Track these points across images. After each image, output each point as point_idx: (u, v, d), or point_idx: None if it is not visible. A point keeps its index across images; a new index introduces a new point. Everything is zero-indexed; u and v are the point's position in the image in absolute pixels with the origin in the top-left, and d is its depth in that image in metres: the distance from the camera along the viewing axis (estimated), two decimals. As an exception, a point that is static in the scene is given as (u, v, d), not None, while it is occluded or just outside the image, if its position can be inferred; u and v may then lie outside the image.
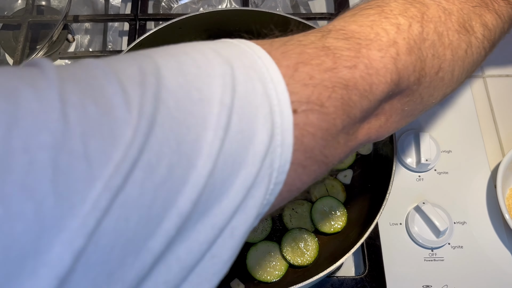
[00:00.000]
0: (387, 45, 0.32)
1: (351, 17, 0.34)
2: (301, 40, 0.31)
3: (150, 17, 0.77)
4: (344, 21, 0.34)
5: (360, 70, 0.30)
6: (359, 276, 0.59)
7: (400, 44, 0.33)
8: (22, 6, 0.77)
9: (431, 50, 0.34)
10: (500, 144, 0.70)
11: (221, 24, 0.68)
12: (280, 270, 0.58)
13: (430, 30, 0.35)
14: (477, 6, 0.38)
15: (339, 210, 0.60)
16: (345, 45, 0.31)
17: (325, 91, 0.29)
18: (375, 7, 0.35)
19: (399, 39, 0.33)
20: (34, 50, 0.68)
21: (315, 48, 0.30)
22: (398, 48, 0.33)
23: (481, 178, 0.66)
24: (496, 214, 0.63)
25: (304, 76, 0.28)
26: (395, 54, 0.32)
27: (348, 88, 0.30)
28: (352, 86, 0.30)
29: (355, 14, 0.35)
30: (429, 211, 0.60)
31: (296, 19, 0.64)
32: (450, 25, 0.36)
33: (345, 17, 0.35)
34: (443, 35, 0.35)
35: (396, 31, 0.33)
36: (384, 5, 0.35)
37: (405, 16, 0.34)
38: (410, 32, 0.34)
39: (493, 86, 0.75)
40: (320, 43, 0.31)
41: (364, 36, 0.32)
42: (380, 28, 0.33)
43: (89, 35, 0.81)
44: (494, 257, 0.61)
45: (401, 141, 0.68)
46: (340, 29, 0.33)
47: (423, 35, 0.34)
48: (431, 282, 0.60)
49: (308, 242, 0.59)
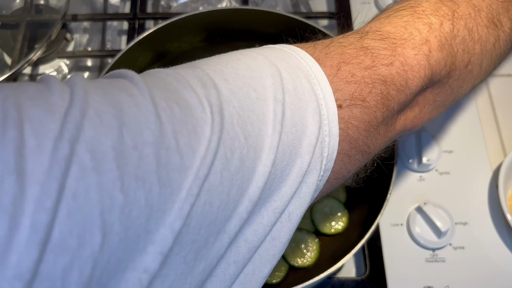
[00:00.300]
0: (420, 43, 0.35)
1: (386, 19, 0.37)
2: (342, 42, 0.34)
3: (149, 16, 0.77)
4: (380, 23, 0.37)
5: (397, 67, 0.33)
6: (360, 277, 0.59)
7: (432, 42, 0.35)
8: (21, 5, 0.77)
9: (461, 45, 0.37)
10: (502, 144, 0.70)
11: (221, 23, 0.67)
12: (280, 271, 0.57)
13: (460, 27, 0.37)
14: (505, 1, 0.41)
15: (340, 211, 0.60)
16: (381, 45, 0.34)
17: (366, 87, 0.32)
18: (408, 8, 0.37)
19: (431, 37, 0.35)
20: (32, 49, 0.68)
21: (354, 49, 0.33)
22: (430, 46, 0.35)
23: (483, 178, 0.66)
24: (498, 215, 0.63)
25: (347, 74, 0.31)
26: (428, 51, 0.35)
27: (386, 83, 0.33)
28: (389, 81, 0.33)
29: (390, 16, 0.37)
30: (430, 211, 0.60)
31: (296, 18, 0.63)
32: (479, 21, 0.38)
33: (380, 19, 0.37)
34: (473, 31, 0.38)
35: (428, 30, 0.36)
36: (417, 5, 0.37)
37: (437, 15, 0.37)
38: (441, 30, 0.36)
39: (495, 85, 0.74)
40: (359, 44, 0.34)
41: (399, 36, 0.35)
42: (413, 28, 0.35)
43: (88, 34, 0.81)
44: (496, 258, 0.61)
45: (402, 141, 0.67)
46: (377, 30, 0.35)
47: (453, 32, 0.37)
48: (433, 283, 0.59)
49: (309, 243, 0.58)
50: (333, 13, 0.76)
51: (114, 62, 0.61)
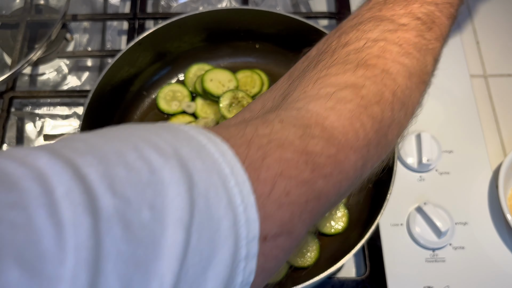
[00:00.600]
0: (362, 145, 0.31)
1: (330, 101, 0.32)
2: (280, 139, 0.28)
3: (149, 16, 0.77)
4: (325, 108, 0.31)
5: (335, 177, 0.29)
6: (360, 277, 0.59)
7: (372, 138, 0.32)
8: (21, 5, 0.77)
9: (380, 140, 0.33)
10: (502, 144, 0.70)
11: (221, 23, 0.67)
12: (280, 271, 0.57)
13: (395, 112, 0.34)
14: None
15: (340, 211, 0.60)
16: (324, 149, 0.29)
17: (299, 209, 0.27)
18: (351, 87, 0.33)
19: (371, 133, 0.32)
20: (32, 49, 0.68)
21: (295, 153, 0.27)
22: (369, 147, 0.32)
23: (483, 178, 0.66)
24: (498, 215, 0.63)
25: (281, 193, 0.26)
26: (366, 152, 0.31)
27: (319, 200, 0.28)
28: (323, 197, 0.29)
29: (334, 108, 0.31)
30: (430, 211, 0.60)
31: (296, 18, 0.63)
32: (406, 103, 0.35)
33: (326, 105, 0.31)
34: (402, 114, 0.35)
35: (372, 123, 0.32)
36: (361, 86, 0.33)
37: (379, 104, 0.33)
38: (371, 131, 0.32)
39: (495, 85, 0.74)
40: (300, 145, 0.28)
41: (342, 136, 0.30)
42: (358, 124, 0.31)
43: (88, 34, 0.81)
44: (496, 258, 0.61)
45: (402, 142, 0.67)
46: (321, 124, 0.30)
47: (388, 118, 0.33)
48: (433, 283, 0.59)
49: (309, 243, 0.58)
50: (333, 13, 0.76)
51: (114, 62, 0.61)
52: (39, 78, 0.77)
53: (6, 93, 0.69)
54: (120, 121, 0.66)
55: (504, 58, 0.77)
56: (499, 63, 0.76)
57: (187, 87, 0.69)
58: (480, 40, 0.79)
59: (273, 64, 0.71)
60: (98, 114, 0.61)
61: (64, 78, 0.77)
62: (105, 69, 0.60)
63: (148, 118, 0.68)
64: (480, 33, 0.80)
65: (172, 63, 0.70)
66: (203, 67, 0.70)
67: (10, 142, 0.71)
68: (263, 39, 0.70)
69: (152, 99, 0.69)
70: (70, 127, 0.72)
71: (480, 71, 0.76)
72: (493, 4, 0.83)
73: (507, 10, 0.82)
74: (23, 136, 0.72)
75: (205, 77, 0.65)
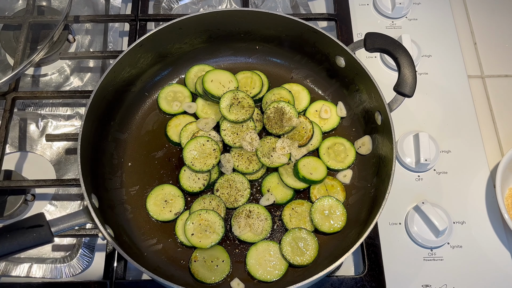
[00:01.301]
0: None
1: None
2: None
3: (150, 17, 0.78)
4: None
5: None
6: (359, 276, 0.59)
7: None
8: (23, 7, 0.77)
9: None
10: (499, 144, 0.70)
11: (221, 25, 0.68)
12: (280, 270, 0.58)
13: None
14: None
15: (339, 210, 0.60)
16: None
17: None
18: None
19: None
20: (34, 50, 0.69)
21: None
22: None
23: (480, 178, 0.66)
24: (495, 214, 0.64)
25: None
26: None
27: None
28: None
29: None
30: (428, 211, 0.60)
31: (296, 20, 0.64)
32: None
33: None
34: None
35: None
36: None
37: None
38: None
39: (492, 86, 0.75)
40: None
41: None
42: None
43: (90, 36, 0.81)
44: (493, 257, 0.61)
45: (401, 141, 0.68)
46: None
47: None
48: (431, 282, 0.60)
49: (308, 241, 0.59)
50: (332, 15, 0.77)
51: (115, 63, 0.61)
52: (42, 79, 0.77)
53: (9, 94, 0.70)
54: (122, 121, 0.67)
55: (501, 59, 0.78)
56: (496, 64, 0.77)
57: (188, 87, 0.70)
58: (477, 42, 0.80)
59: (273, 65, 0.72)
60: (100, 114, 0.62)
61: (66, 79, 0.78)
62: (107, 70, 0.61)
63: (149, 118, 0.69)
64: (478, 35, 0.80)
65: (173, 64, 0.71)
66: (203, 68, 0.71)
67: (12, 142, 0.72)
68: (263, 40, 0.70)
69: (153, 100, 0.70)
70: (72, 127, 0.73)
71: (478, 72, 0.77)
72: (491, 7, 0.84)
73: (504, 12, 0.83)
74: (26, 136, 0.73)
75: (206, 78, 0.66)
